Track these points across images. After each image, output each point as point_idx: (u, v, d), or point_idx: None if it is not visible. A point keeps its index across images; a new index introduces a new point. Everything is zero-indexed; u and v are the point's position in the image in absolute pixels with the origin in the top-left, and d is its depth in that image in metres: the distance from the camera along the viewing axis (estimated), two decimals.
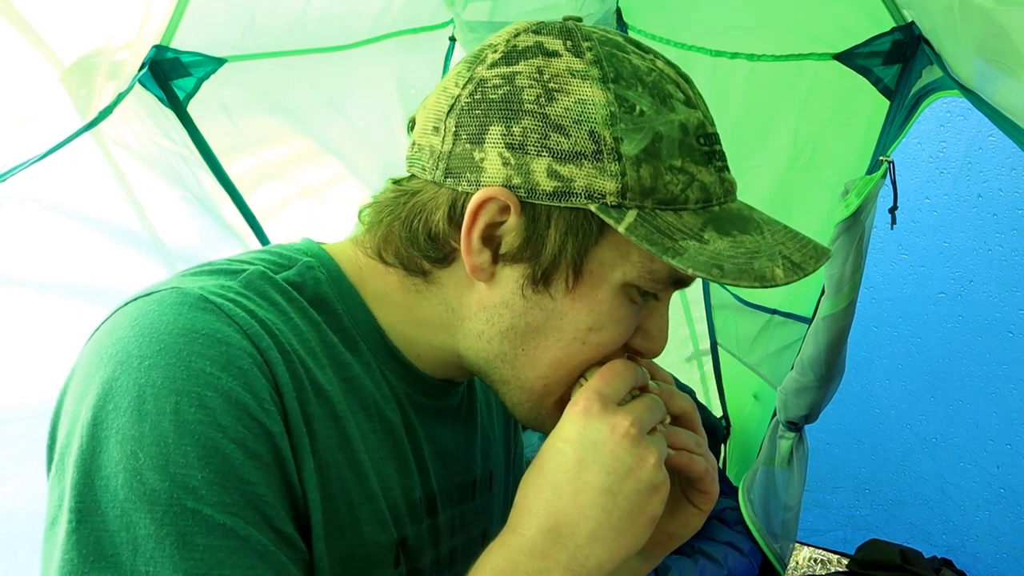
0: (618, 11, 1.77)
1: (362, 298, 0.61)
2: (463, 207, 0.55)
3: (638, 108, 0.52)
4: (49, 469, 0.51)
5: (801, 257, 0.55)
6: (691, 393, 2.25)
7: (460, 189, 0.55)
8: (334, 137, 1.66)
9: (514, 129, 0.53)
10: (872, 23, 1.30)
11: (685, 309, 2.42)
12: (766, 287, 0.51)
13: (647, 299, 0.58)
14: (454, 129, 0.55)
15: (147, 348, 0.48)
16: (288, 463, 0.51)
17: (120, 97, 1.17)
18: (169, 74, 1.31)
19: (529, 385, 0.59)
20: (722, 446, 2.34)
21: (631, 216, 0.52)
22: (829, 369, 1.53)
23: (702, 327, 2.38)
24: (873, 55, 1.33)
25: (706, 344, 2.39)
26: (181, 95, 1.35)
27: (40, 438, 0.54)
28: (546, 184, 0.53)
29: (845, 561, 2.26)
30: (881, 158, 1.32)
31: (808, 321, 1.64)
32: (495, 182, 0.53)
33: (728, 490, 2.02)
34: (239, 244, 1.55)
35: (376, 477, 0.59)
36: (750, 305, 2.00)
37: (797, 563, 2.43)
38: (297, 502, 0.52)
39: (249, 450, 0.48)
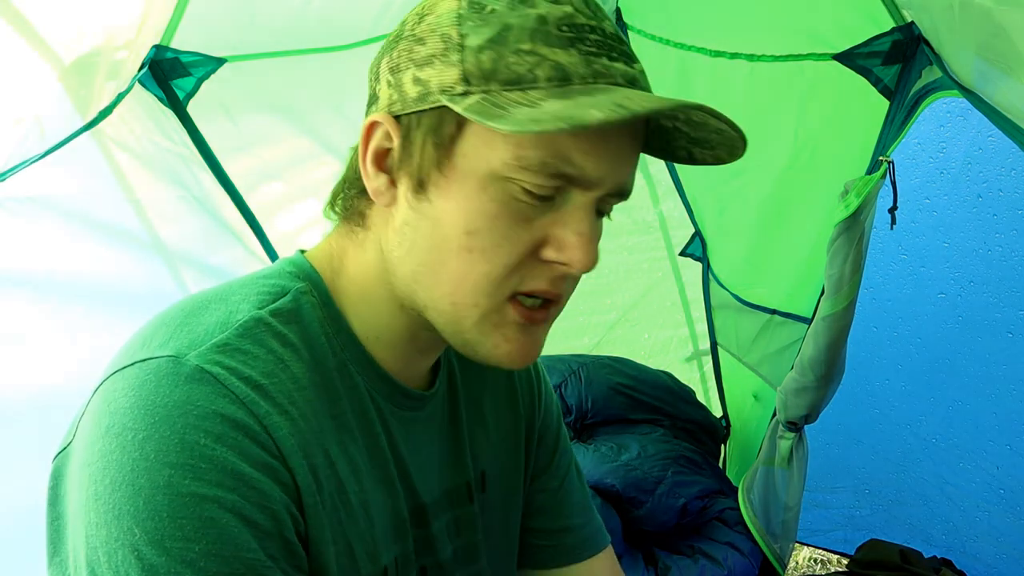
0: (618, 11, 1.78)
1: (344, 316, 0.62)
2: None
3: (489, 7, 0.54)
4: (52, 525, 0.53)
5: (638, 103, 0.50)
6: (691, 393, 2.25)
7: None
8: (334, 137, 1.66)
9: (393, 55, 0.58)
10: (872, 23, 1.30)
11: (685, 309, 2.42)
12: (576, 128, 0.48)
13: (542, 201, 0.55)
14: (370, 78, 0.62)
15: (142, 421, 0.48)
16: (288, 525, 0.52)
17: (120, 97, 1.17)
18: (169, 74, 1.31)
19: (441, 306, 0.59)
20: (722, 446, 2.34)
21: (473, 99, 0.52)
22: (829, 369, 1.53)
23: (702, 327, 2.39)
24: (873, 55, 1.33)
25: (706, 344, 2.39)
26: (181, 95, 1.35)
27: (39, 438, 0.55)
28: (412, 91, 0.56)
29: (845, 561, 2.26)
30: (881, 158, 1.32)
31: (808, 321, 1.64)
32: (383, 106, 0.58)
33: (728, 490, 2.02)
34: (239, 244, 1.55)
35: (363, 510, 0.60)
36: (750, 305, 2.00)
37: (797, 563, 2.43)
38: (300, 562, 0.53)
39: (246, 518, 0.49)
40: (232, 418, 0.50)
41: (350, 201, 0.64)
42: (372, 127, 0.58)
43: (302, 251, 0.66)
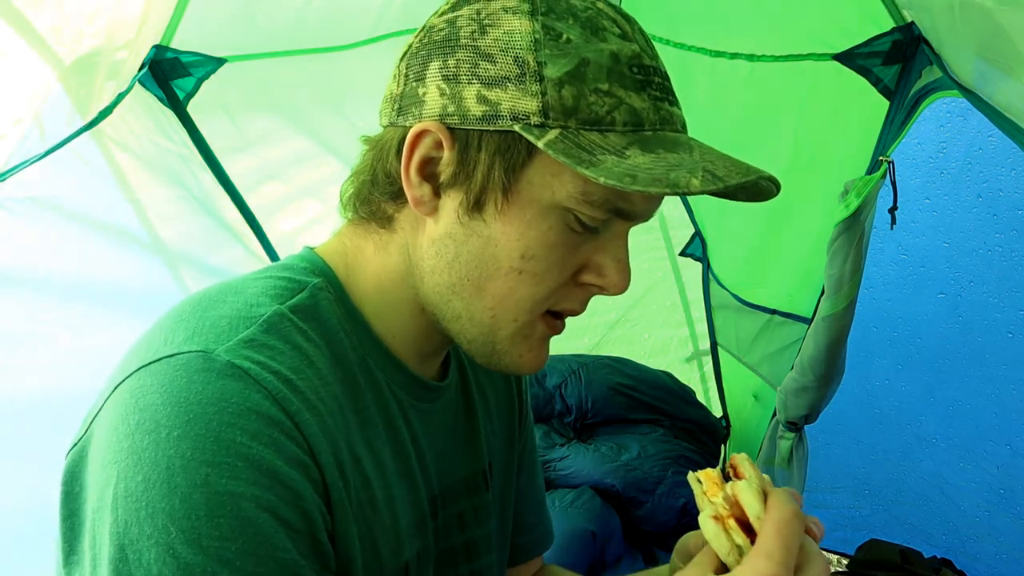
0: None
1: (360, 312, 0.62)
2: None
3: (565, 36, 0.54)
4: (66, 523, 0.51)
5: (725, 171, 0.53)
6: (691, 393, 2.25)
7: (407, 125, 0.58)
8: (334, 137, 1.66)
9: (449, 62, 0.56)
10: (872, 23, 1.30)
11: (685, 309, 2.42)
12: (677, 194, 0.51)
13: (590, 231, 0.58)
14: (404, 71, 0.59)
15: (176, 418, 0.47)
16: (319, 524, 0.52)
17: (120, 97, 1.17)
18: (169, 74, 1.31)
19: (479, 317, 0.60)
20: (722, 446, 2.34)
21: (552, 134, 0.53)
22: (829, 369, 1.53)
23: (702, 327, 2.39)
24: (873, 55, 1.33)
25: (706, 344, 2.39)
26: (181, 95, 1.35)
27: (39, 437, 0.54)
28: (476, 109, 0.55)
29: (845, 561, 2.25)
30: (881, 158, 1.32)
31: (808, 321, 1.64)
32: (433, 114, 0.56)
33: None
34: (239, 244, 1.55)
35: (387, 506, 0.61)
36: (750, 305, 2.00)
37: None
38: (328, 561, 0.53)
39: (281, 517, 0.49)
40: (266, 414, 0.50)
41: (377, 204, 0.62)
42: (421, 135, 0.57)
43: (311, 247, 0.66)
